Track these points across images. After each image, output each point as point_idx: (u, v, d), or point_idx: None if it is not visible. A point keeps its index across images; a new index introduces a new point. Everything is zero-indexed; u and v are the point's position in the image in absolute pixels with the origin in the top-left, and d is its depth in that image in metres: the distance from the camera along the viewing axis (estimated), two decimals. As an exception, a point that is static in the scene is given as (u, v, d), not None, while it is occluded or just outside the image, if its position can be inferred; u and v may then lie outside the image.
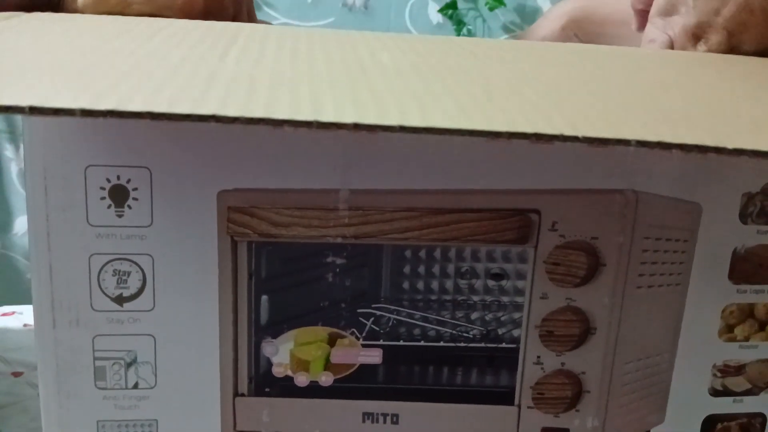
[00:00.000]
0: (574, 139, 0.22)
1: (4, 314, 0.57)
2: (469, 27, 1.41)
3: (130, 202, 0.37)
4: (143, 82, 0.26)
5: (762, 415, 0.46)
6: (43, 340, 0.39)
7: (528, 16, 1.41)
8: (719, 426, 0.45)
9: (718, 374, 0.44)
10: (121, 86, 0.25)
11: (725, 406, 0.45)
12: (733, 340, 0.44)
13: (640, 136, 0.22)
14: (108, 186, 0.37)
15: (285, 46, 0.34)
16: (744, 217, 0.42)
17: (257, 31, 0.36)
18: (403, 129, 0.22)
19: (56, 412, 0.39)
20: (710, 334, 0.44)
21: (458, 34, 1.40)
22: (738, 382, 0.45)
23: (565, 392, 0.42)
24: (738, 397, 0.45)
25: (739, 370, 0.45)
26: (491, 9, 1.39)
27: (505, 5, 1.40)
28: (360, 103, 0.25)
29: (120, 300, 0.38)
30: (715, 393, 0.45)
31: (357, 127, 0.23)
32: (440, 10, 1.42)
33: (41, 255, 0.38)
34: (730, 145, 0.22)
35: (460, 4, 1.41)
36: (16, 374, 0.46)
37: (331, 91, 0.26)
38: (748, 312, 0.44)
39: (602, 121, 0.24)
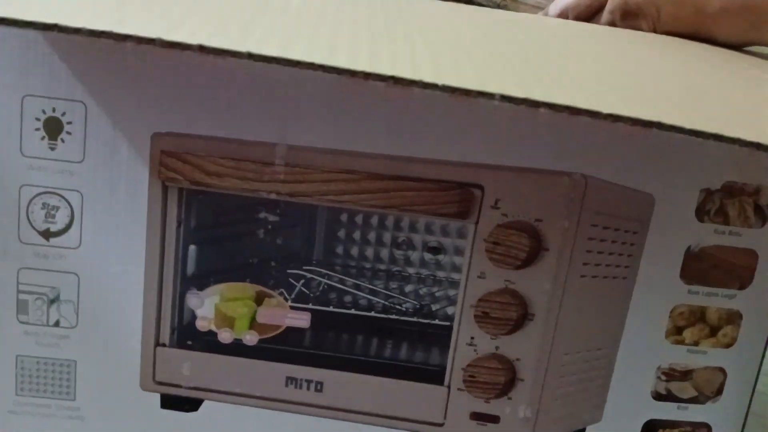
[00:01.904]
0: (434, 86, 0.22)
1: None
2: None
3: (63, 135, 0.38)
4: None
5: (706, 425, 0.45)
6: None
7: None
8: (660, 432, 0.45)
9: (663, 377, 0.44)
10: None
11: (668, 411, 0.45)
12: (681, 342, 0.44)
13: (506, 91, 0.23)
14: (43, 117, 0.38)
15: None
16: (701, 214, 0.42)
17: None
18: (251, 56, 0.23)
19: (-24, 343, 0.41)
20: (657, 334, 0.43)
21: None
22: (684, 388, 0.45)
23: (498, 377, 0.42)
24: (683, 404, 0.45)
25: (685, 375, 0.45)
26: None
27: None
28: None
29: (47, 234, 0.40)
30: (658, 397, 0.45)
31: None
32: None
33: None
34: (604, 110, 0.22)
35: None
36: None
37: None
38: (699, 315, 0.44)
39: (476, 76, 0.24)
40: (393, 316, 0.42)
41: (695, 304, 0.43)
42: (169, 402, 0.42)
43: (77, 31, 0.23)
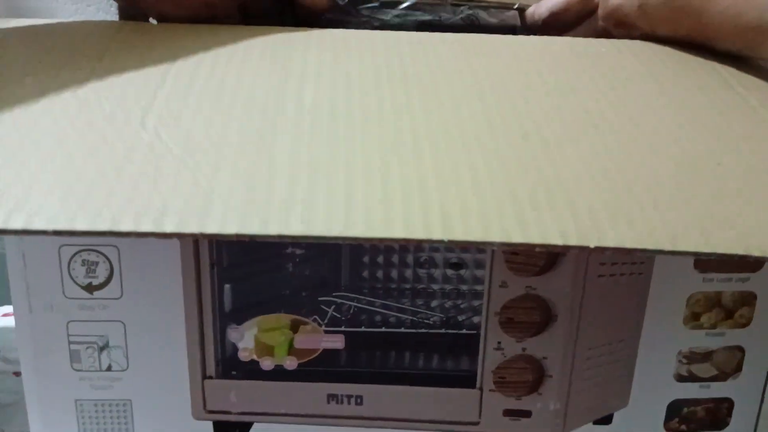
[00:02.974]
0: (441, 242, 0.26)
1: (5, 315, 0.62)
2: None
3: (94, 196, 0.41)
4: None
5: (729, 399, 0.48)
6: (21, 324, 0.44)
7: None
8: (685, 410, 0.48)
9: (684, 361, 0.47)
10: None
11: (691, 391, 0.48)
12: (699, 327, 0.47)
13: (507, 238, 0.26)
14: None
15: (211, 87, 0.36)
16: (710, 206, 0.44)
17: (188, 67, 0.38)
18: (281, 237, 0.26)
19: (36, 392, 0.44)
20: (675, 322, 0.46)
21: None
22: (704, 369, 0.48)
23: (527, 376, 0.46)
24: (705, 383, 0.48)
25: (705, 357, 0.47)
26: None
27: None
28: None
29: (90, 288, 0.43)
30: (680, 379, 0.48)
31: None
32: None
33: (13, 242, 0.42)
34: (592, 244, 0.26)
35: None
36: (18, 374, 0.51)
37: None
38: (715, 300, 0.46)
39: (480, 221, 0.28)
40: (422, 330, 0.45)
41: (711, 291, 0.46)
42: (221, 428, 0.46)
43: (127, 234, 0.26)
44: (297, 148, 0.31)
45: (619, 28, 0.42)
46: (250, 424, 0.46)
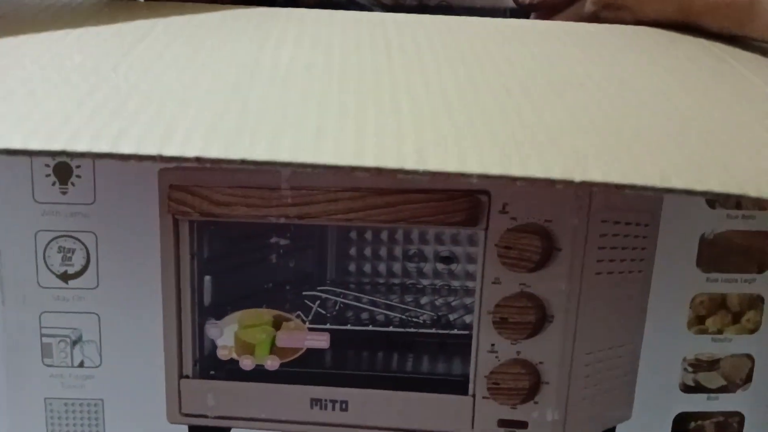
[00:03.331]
0: (415, 172, 0.25)
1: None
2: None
3: (73, 179, 0.40)
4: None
5: (739, 413, 0.46)
6: (-6, 317, 0.42)
7: None
8: (693, 425, 0.46)
9: (690, 369, 0.45)
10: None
11: (699, 403, 0.45)
12: (705, 332, 0.44)
13: (485, 169, 0.25)
14: (52, 164, 0.40)
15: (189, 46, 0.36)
16: (711, 201, 0.43)
17: (171, 27, 0.38)
18: (244, 161, 0.25)
19: (5, 391, 0.42)
20: (679, 326, 0.44)
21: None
22: (712, 378, 0.45)
23: (522, 383, 0.43)
24: (713, 394, 0.45)
25: (712, 364, 0.45)
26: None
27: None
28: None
29: (65, 277, 0.41)
30: (686, 389, 0.45)
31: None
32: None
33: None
34: (577, 178, 0.24)
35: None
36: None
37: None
38: (720, 302, 0.44)
39: (457, 152, 0.26)
40: (411, 329, 0.43)
41: (715, 292, 0.44)
42: (197, 433, 0.43)
43: (83, 154, 0.25)
44: (269, 92, 0.30)
45: (607, 10, 0.42)
46: (227, 430, 0.44)
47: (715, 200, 0.42)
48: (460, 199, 0.41)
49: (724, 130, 0.29)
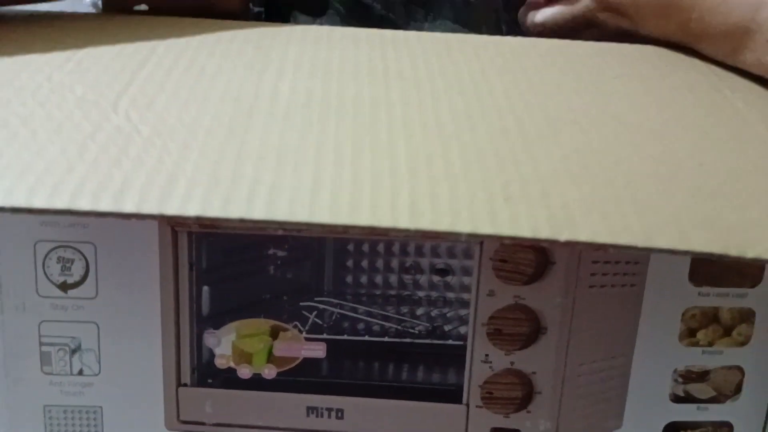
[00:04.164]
0: (407, 231, 0.26)
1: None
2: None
3: (72, 191, 0.40)
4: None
5: (728, 424, 0.47)
6: (-7, 325, 0.43)
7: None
8: (682, 434, 0.47)
9: (680, 380, 0.46)
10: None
11: (688, 413, 0.46)
12: (696, 344, 0.45)
13: (475, 229, 0.26)
14: (51, 175, 0.40)
15: (190, 72, 0.36)
16: (705, 216, 0.43)
17: (171, 50, 0.38)
18: (242, 221, 0.26)
19: (4, 398, 0.43)
20: (670, 338, 0.45)
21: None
22: (702, 389, 0.46)
23: (515, 392, 0.44)
24: (702, 405, 0.46)
25: (702, 376, 0.46)
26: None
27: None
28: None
29: (64, 287, 0.42)
30: (676, 399, 0.46)
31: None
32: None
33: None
34: (562, 238, 0.25)
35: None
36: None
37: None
38: (711, 316, 0.45)
39: (450, 211, 0.27)
40: (407, 340, 0.44)
41: (707, 306, 0.45)
42: (195, 440, 0.44)
43: (86, 213, 0.26)
44: (268, 133, 0.31)
45: (607, 11, 0.42)
46: (225, 437, 0.44)
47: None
48: (457, 213, 0.42)
49: (714, 178, 0.30)
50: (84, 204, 0.26)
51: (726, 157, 0.33)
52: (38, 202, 0.26)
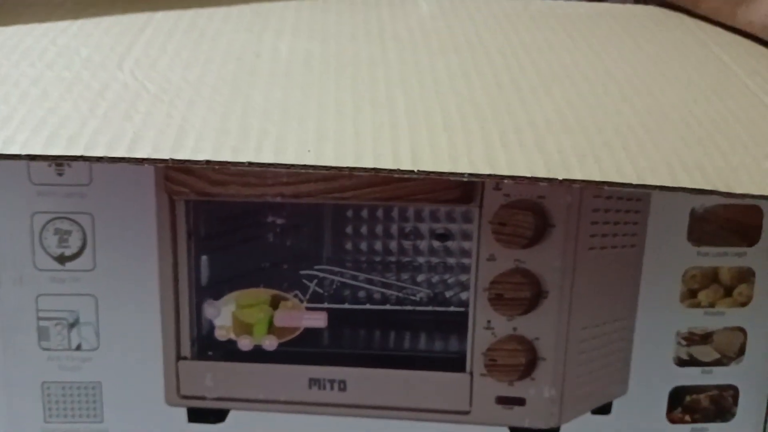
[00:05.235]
0: (411, 172, 0.27)
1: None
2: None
3: (69, 160, 0.40)
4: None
5: (733, 387, 0.46)
6: (-11, 301, 0.42)
7: None
8: (688, 399, 0.46)
9: (683, 342, 0.46)
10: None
11: (693, 377, 0.46)
12: (697, 305, 0.45)
13: (475, 169, 0.27)
14: (48, 145, 0.40)
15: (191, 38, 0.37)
16: (701, 175, 0.44)
17: (170, 15, 0.39)
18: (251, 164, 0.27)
19: (2, 374, 0.43)
20: (671, 300, 0.45)
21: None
22: (705, 352, 0.46)
23: (519, 359, 0.44)
24: (707, 368, 0.46)
25: (705, 338, 0.46)
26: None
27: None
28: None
29: (62, 259, 0.42)
30: (681, 363, 0.46)
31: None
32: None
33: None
34: (560, 176, 0.26)
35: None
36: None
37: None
38: (711, 276, 0.45)
39: (450, 151, 0.28)
40: (408, 307, 0.44)
41: (706, 266, 0.45)
42: (196, 415, 0.44)
43: (99, 159, 0.27)
44: (271, 90, 0.32)
45: None
46: (226, 412, 0.44)
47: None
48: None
49: (701, 127, 0.31)
50: (99, 152, 0.27)
51: (712, 108, 0.34)
52: (55, 151, 0.27)
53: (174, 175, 0.41)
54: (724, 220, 0.44)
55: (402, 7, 0.41)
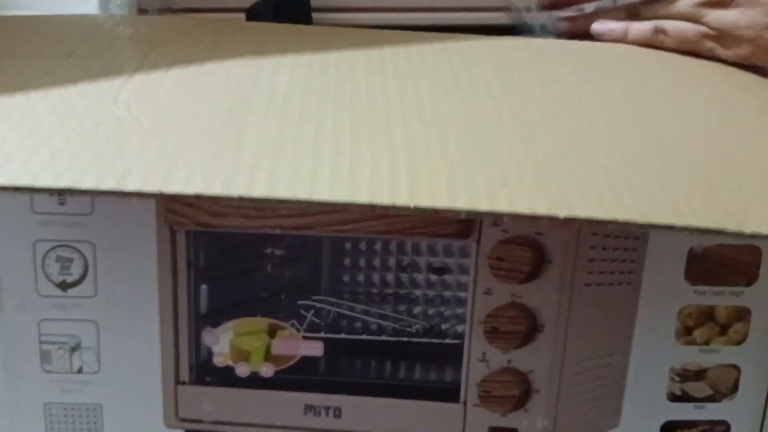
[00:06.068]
0: (407, 208, 0.26)
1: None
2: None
3: (71, 190, 0.41)
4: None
5: (725, 422, 0.47)
6: (-7, 323, 0.43)
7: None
8: (679, 433, 0.47)
9: (677, 378, 0.46)
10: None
11: (685, 412, 0.47)
12: (692, 343, 0.46)
13: (473, 206, 0.26)
14: (51, 174, 0.41)
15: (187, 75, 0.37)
16: (700, 215, 0.44)
17: (166, 54, 0.39)
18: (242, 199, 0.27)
19: (5, 395, 0.44)
20: (667, 336, 0.45)
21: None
22: (698, 388, 0.46)
23: (513, 391, 0.44)
24: (699, 404, 0.47)
25: (699, 374, 0.46)
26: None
27: None
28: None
29: (64, 286, 0.42)
30: (673, 398, 0.46)
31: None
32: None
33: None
34: (561, 214, 0.26)
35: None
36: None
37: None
38: (707, 314, 0.45)
39: (448, 188, 0.28)
40: (404, 338, 0.45)
41: (703, 304, 0.45)
42: (194, 437, 0.45)
43: (88, 192, 0.26)
44: (266, 124, 0.31)
45: (718, 42, 0.42)
46: (223, 435, 0.45)
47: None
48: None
49: (706, 162, 0.31)
50: (87, 184, 0.27)
51: (719, 145, 0.33)
52: (42, 182, 0.27)
53: (175, 207, 0.41)
54: (723, 259, 0.45)
55: (402, 42, 0.40)
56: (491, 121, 0.34)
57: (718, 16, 0.43)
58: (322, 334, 0.44)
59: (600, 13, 0.47)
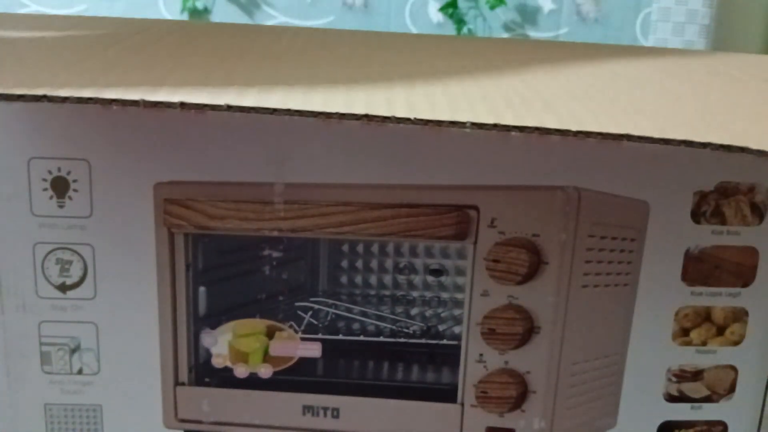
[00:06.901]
0: (407, 120, 0.24)
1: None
2: (470, 26, 1.44)
3: (70, 193, 0.41)
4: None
5: (722, 423, 0.47)
6: (-6, 325, 0.44)
7: (529, 15, 1.44)
8: (676, 433, 0.47)
9: (674, 379, 0.46)
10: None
11: (682, 412, 0.47)
12: (689, 344, 0.46)
13: (477, 119, 0.24)
14: (50, 177, 0.41)
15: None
16: (697, 216, 0.44)
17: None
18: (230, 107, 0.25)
19: (5, 396, 0.44)
20: (663, 338, 0.45)
21: (458, 33, 1.44)
22: (695, 388, 0.47)
23: (510, 391, 0.45)
24: (696, 404, 0.47)
25: (696, 375, 0.46)
26: (492, 8, 1.43)
27: (505, 4, 1.43)
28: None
29: (63, 288, 0.43)
30: (671, 399, 0.47)
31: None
32: (441, 9, 1.46)
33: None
34: (573, 128, 0.24)
35: (461, 3, 1.45)
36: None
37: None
38: (704, 315, 0.45)
39: (449, 106, 0.26)
40: (401, 340, 0.45)
41: (700, 305, 0.45)
42: (193, 438, 0.45)
43: (65, 99, 0.25)
44: (259, 64, 0.31)
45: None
46: (222, 435, 0.45)
47: (701, 215, 0.43)
48: (450, 214, 0.42)
49: (713, 109, 0.30)
50: (64, 92, 0.26)
51: (721, 100, 0.32)
52: (19, 91, 0.26)
53: (173, 209, 0.42)
54: (719, 260, 0.45)
55: (393, 44, 0.41)
56: (491, 71, 0.33)
57: None
58: (320, 336, 0.44)
59: None
